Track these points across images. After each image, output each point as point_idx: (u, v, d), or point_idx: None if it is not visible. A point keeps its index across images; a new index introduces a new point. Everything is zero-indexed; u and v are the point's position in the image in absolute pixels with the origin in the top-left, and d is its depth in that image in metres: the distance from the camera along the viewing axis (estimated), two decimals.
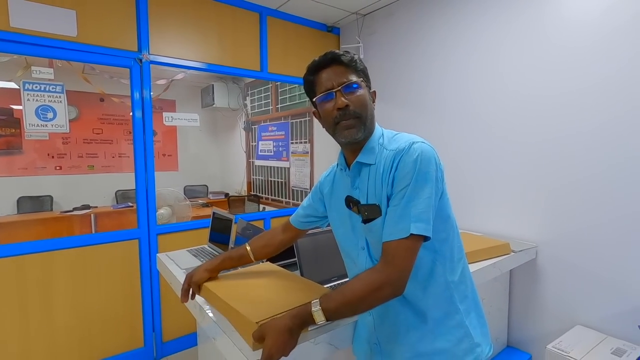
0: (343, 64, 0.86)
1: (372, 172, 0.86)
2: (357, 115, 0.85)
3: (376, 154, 0.88)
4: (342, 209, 0.95)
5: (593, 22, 1.70)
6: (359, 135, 0.86)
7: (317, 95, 0.88)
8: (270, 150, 4.59)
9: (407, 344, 0.88)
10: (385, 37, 2.75)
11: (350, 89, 0.85)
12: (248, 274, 1.22)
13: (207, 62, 2.50)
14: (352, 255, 0.96)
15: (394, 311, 0.88)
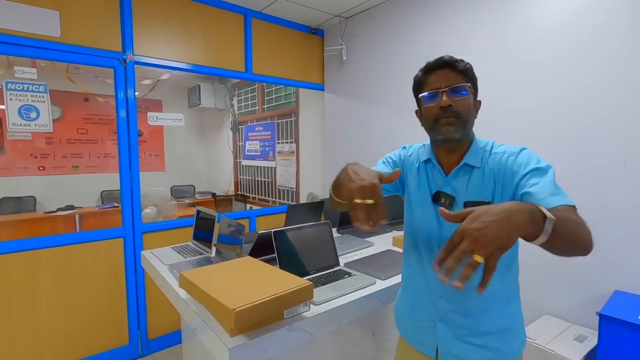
0: (455, 69, 0.93)
1: (476, 174, 0.94)
2: (458, 115, 0.91)
3: (481, 158, 0.95)
4: (426, 202, 1.00)
5: (560, 32, 1.81)
6: (456, 134, 0.91)
7: (424, 92, 0.95)
8: (257, 150, 4.63)
9: (477, 319, 0.94)
10: (367, 40, 2.83)
11: (456, 92, 0.91)
12: (228, 267, 1.28)
13: (192, 62, 2.53)
14: (431, 246, 0.99)
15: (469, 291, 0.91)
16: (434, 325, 1.00)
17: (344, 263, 1.59)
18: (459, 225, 0.65)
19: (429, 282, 1.00)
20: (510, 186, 0.89)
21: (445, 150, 0.98)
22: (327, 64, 3.25)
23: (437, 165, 1.00)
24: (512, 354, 0.96)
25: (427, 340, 1.02)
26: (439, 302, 0.98)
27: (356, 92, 2.97)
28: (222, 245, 1.70)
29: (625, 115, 1.62)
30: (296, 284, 1.09)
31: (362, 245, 1.88)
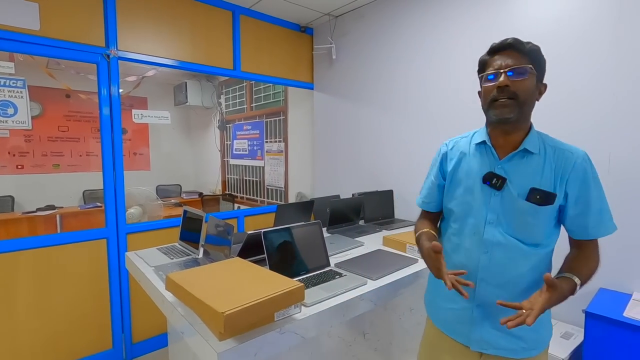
0: (518, 50, 0.92)
1: (535, 161, 0.95)
2: (514, 96, 0.91)
3: (539, 146, 0.96)
4: (475, 184, 1.01)
5: (546, 35, 1.83)
6: (511, 115, 0.92)
7: (485, 73, 0.96)
8: (245, 149, 4.58)
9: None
10: (357, 39, 2.82)
11: (515, 73, 0.91)
12: (217, 269, 1.24)
13: (178, 59, 2.48)
14: (474, 227, 1.01)
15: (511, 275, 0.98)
16: (470, 312, 1.02)
17: (335, 263, 1.57)
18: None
19: (476, 265, 1.00)
20: (567, 187, 0.94)
21: (501, 132, 0.98)
22: (317, 62, 3.23)
23: (491, 147, 1.01)
24: (542, 343, 1.01)
25: (462, 328, 1.04)
26: (481, 284, 1.00)
27: (345, 91, 2.96)
28: (210, 246, 1.66)
29: (609, 117, 1.65)
30: (287, 285, 1.07)
31: (352, 245, 1.86)
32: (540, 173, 0.95)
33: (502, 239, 0.97)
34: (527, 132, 0.98)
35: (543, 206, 0.93)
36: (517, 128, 0.96)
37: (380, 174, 2.74)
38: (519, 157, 0.97)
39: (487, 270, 0.99)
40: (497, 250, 0.97)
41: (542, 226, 0.95)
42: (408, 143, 2.52)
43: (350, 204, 2.36)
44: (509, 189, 0.96)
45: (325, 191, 3.17)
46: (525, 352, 0.99)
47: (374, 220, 2.46)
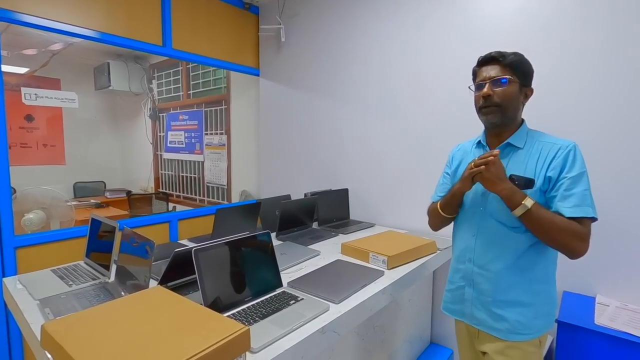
0: (499, 63, 1.07)
1: (520, 155, 1.08)
2: (498, 104, 1.06)
3: (525, 141, 1.09)
4: None
5: (507, 26, 1.71)
6: (496, 119, 1.08)
7: (475, 83, 1.13)
8: (181, 142, 4.07)
9: (497, 287, 1.10)
10: (310, 21, 2.53)
11: (497, 83, 1.06)
12: (125, 308, 0.89)
13: (93, 28, 1.98)
14: (475, 216, 1.14)
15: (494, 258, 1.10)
16: (462, 291, 1.17)
17: (288, 282, 1.29)
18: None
19: (465, 247, 1.15)
20: (547, 172, 1.02)
21: (494, 133, 1.14)
22: (263, 46, 2.88)
23: (485, 145, 1.17)
24: (531, 331, 1.06)
25: (459, 308, 1.19)
26: (468, 265, 1.14)
27: (296, 78, 2.66)
28: (125, 267, 1.27)
29: (573, 110, 1.58)
30: (226, 331, 0.76)
31: (307, 256, 1.60)
32: (525, 164, 1.06)
33: (486, 222, 1.10)
34: (516, 130, 1.11)
35: (526, 191, 1.01)
36: (506, 129, 1.11)
37: (334, 171, 2.50)
38: (506, 151, 1.11)
39: (473, 251, 1.13)
40: (482, 233, 1.11)
41: None
42: (364, 137, 2.31)
43: (303, 206, 2.09)
44: None
45: (274, 190, 2.86)
46: (511, 335, 1.07)
47: (329, 223, 2.21)
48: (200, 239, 1.91)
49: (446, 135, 1.95)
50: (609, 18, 1.49)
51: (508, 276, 1.06)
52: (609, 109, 1.50)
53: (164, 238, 2.40)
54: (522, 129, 1.11)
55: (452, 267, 1.22)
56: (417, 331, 1.94)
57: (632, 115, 1.46)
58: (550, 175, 1.01)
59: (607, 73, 1.50)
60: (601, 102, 1.52)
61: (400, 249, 1.54)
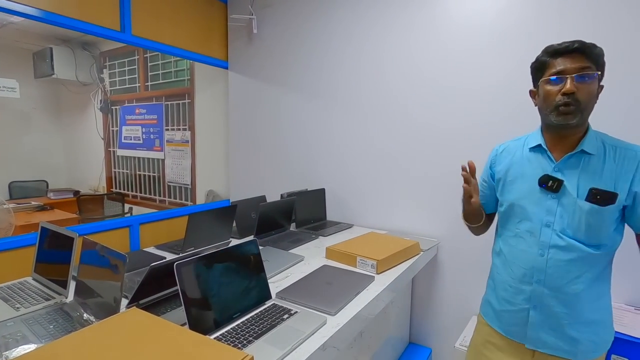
0: (585, 54, 0.90)
1: (594, 162, 0.94)
2: (578, 103, 0.90)
3: (597, 146, 0.95)
4: (532, 187, 1.01)
5: (489, 25, 1.73)
6: (573, 121, 0.91)
7: (547, 75, 0.94)
8: (138, 138, 3.76)
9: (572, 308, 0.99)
10: (283, 12, 2.42)
11: (583, 78, 0.89)
12: (96, 340, 0.75)
13: (32, 5, 1.72)
14: (530, 229, 1.01)
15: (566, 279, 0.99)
16: (527, 313, 1.02)
17: (277, 293, 1.19)
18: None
19: (533, 267, 1.00)
20: (633, 186, 0.91)
21: (558, 135, 0.98)
22: (233, 37, 2.71)
23: (546, 150, 1.00)
24: (603, 347, 1.00)
25: (518, 330, 1.04)
26: (536, 286, 1.00)
27: (269, 73, 2.53)
28: (86, 282, 1.10)
29: None
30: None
31: (291, 262, 1.50)
32: (600, 173, 0.94)
33: (559, 241, 0.97)
34: (584, 133, 0.97)
35: (605, 206, 0.92)
36: (576, 130, 0.96)
37: (309, 170, 2.41)
38: (576, 159, 0.96)
39: (543, 272, 0.99)
40: (555, 253, 0.98)
41: (605, 226, 0.94)
42: (341, 135, 2.25)
43: (281, 207, 1.98)
44: (567, 190, 0.96)
45: (245, 190, 2.71)
46: (583, 355, 0.98)
47: (306, 224, 2.13)
48: (169, 247, 1.74)
49: (422, 134, 1.95)
50: (589, 19, 1.55)
51: (586, 297, 0.96)
52: None
53: (123, 245, 2.17)
54: (591, 132, 0.97)
55: (512, 287, 1.05)
56: (398, 332, 1.93)
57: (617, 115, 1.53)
58: (637, 191, 0.91)
59: None
60: None
61: (387, 252, 1.50)
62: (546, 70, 0.95)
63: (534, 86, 1.02)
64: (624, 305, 1.51)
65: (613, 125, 1.17)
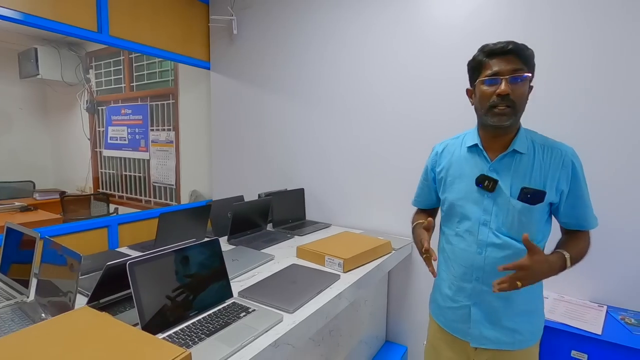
0: (519, 56, 0.92)
1: (524, 161, 0.98)
2: (513, 104, 0.92)
3: (527, 145, 0.99)
4: (470, 186, 1.03)
5: (459, 24, 1.76)
6: (508, 122, 0.94)
7: (483, 76, 0.96)
8: (123, 138, 3.76)
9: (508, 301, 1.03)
10: (263, 14, 2.43)
11: (516, 79, 0.92)
12: (44, 335, 0.76)
13: (10, 7, 1.72)
14: (468, 228, 1.04)
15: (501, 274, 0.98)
16: (468, 310, 1.05)
17: (239, 291, 1.20)
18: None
19: (472, 265, 1.04)
20: (559, 184, 0.96)
21: (492, 135, 1.01)
22: (214, 37, 2.72)
23: (482, 150, 1.03)
24: (537, 334, 1.06)
25: (461, 326, 1.08)
26: (476, 284, 1.03)
27: (249, 73, 2.55)
28: (48, 284, 1.11)
29: None
30: (163, 358, 0.67)
31: (260, 261, 1.52)
32: (530, 172, 0.97)
33: (495, 239, 1.00)
34: (516, 132, 1.00)
35: (535, 205, 0.96)
36: (509, 131, 0.99)
37: (289, 170, 2.43)
38: (509, 158, 1.00)
39: (481, 270, 1.02)
40: (491, 251, 1.01)
41: (535, 223, 0.98)
42: (321, 135, 2.26)
43: (256, 207, 1.99)
44: (501, 189, 0.99)
45: (227, 190, 2.72)
46: (522, 344, 1.03)
47: (284, 224, 2.14)
48: (142, 246, 1.74)
49: (400, 135, 1.97)
50: (559, 20, 1.57)
51: (519, 291, 0.95)
52: (558, 110, 1.59)
53: (102, 245, 2.18)
54: (522, 131, 1.00)
55: (454, 285, 1.08)
56: (373, 331, 1.94)
57: (578, 114, 1.56)
58: (562, 189, 0.96)
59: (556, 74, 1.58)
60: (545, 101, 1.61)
61: (356, 251, 1.52)
62: (482, 70, 0.96)
63: (471, 85, 1.03)
64: (588, 302, 1.54)
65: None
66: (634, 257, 1.47)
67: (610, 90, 1.48)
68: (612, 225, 1.48)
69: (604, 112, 1.49)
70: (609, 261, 1.51)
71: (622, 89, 1.45)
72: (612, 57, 1.46)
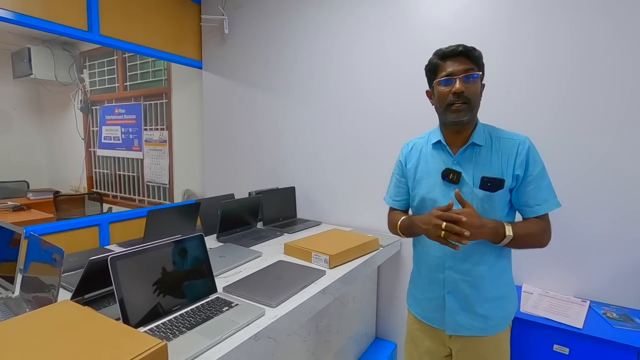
0: (469, 57, 1.01)
1: (483, 152, 1.05)
2: (468, 101, 1.00)
3: (485, 138, 1.06)
4: (436, 180, 1.09)
5: (448, 23, 1.77)
6: (465, 117, 1.01)
7: (439, 77, 1.03)
8: (117, 138, 3.76)
9: (479, 288, 1.08)
10: (254, 13, 2.44)
11: (468, 78, 1.00)
12: (26, 326, 0.77)
13: (0, 7, 1.73)
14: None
15: (471, 261, 1.08)
16: (442, 300, 1.11)
17: (224, 287, 1.22)
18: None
19: (443, 255, 1.09)
20: (515, 170, 1.02)
21: (453, 131, 1.08)
22: (206, 37, 2.74)
23: (446, 145, 1.09)
24: (507, 319, 1.11)
25: (438, 316, 1.13)
26: (448, 273, 1.09)
27: (240, 72, 2.56)
28: (32, 279, 1.12)
29: (503, 112, 1.68)
30: (138, 349, 0.68)
31: (247, 258, 1.53)
32: (489, 162, 1.04)
33: None
34: (474, 127, 1.07)
35: (495, 192, 1.02)
36: (468, 126, 1.06)
37: (280, 168, 2.44)
38: (470, 151, 1.07)
39: (453, 258, 1.08)
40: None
41: (497, 210, 1.04)
42: (312, 134, 2.28)
43: (246, 205, 2.01)
44: (465, 181, 1.05)
45: (219, 188, 2.73)
46: (493, 330, 1.09)
47: (274, 222, 2.16)
48: (130, 244, 1.76)
49: (390, 133, 1.99)
50: (541, 17, 1.59)
51: (490, 276, 1.06)
52: (539, 109, 1.61)
53: (93, 243, 2.19)
54: (480, 126, 1.08)
55: (427, 276, 1.14)
56: (363, 328, 1.96)
57: (560, 113, 1.58)
58: (518, 174, 1.02)
59: (539, 72, 1.61)
60: (528, 100, 1.63)
61: (342, 248, 1.53)
62: (438, 72, 1.04)
63: (429, 87, 1.11)
64: (573, 297, 1.56)
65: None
66: (616, 254, 1.48)
67: (591, 89, 1.50)
68: (596, 222, 1.50)
69: (585, 110, 1.51)
70: (593, 257, 1.53)
71: (602, 88, 1.47)
72: (593, 56, 1.48)
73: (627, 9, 1.42)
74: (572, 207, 1.53)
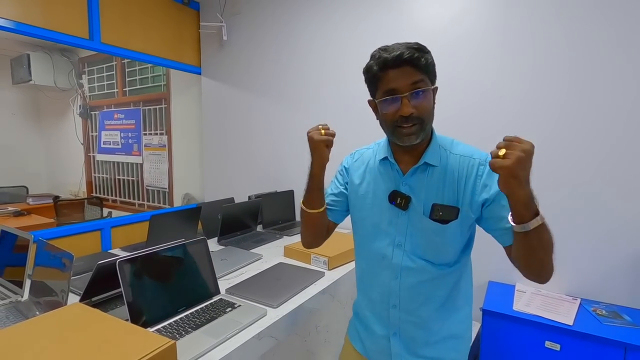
0: (416, 67, 0.79)
1: (436, 173, 0.86)
2: (420, 121, 0.82)
3: (439, 157, 0.87)
4: (382, 203, 0.92)
5: (442, 30, 1.83)
6: (417, 140, 0.83)
7: (381, 92, 0.84)
8: (117, 143, 3.79)
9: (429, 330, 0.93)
10: (251, 19, 2.49)
11: (417, 94, 0.80)
12: (38, 328, 0.81)
13: (1, 16, 1.76)
14: (382, 250, 0.92)
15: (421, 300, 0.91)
16: (387, 341, 0.94)
17: (226, 289, 1.26)
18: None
19: (388, 291, 0.92)
20: (475, 197, 0.84)
21: (402, 150, 0.89)
22: (205, 43, 2.78)
23: (394, 163, 0.91)
24: (463, 358, 0.95)
25: (382, 357, 0.97)
26: (393, 312, 0.92)
27: (239, 77, 2.60)
28: (44, 281, 1.16)
29: (495, 116, 1.73)
30: (149, 347, 0.72)
31: (248, 260, 1.57)
32: (442, 186, 0.86)
33: (410, 262, 0.89)
34: (428, 143, 0.89)
35: (447, 223, 0.85)
36: (420, 144, 0.87)
37: (279, 172, 2.48)
38: (421, 172, 0.89)
39: (397, 296, 0.91)
40: (407, 275, 0.90)
41: (450, 244, 0.87)
42: (303, 140, 2.32)
43: (246, 209, 2.05)
44: (415, 207, 0.88)
45: (219, 193, 2.77)
46: None
47: (274, 225, 2.20)
48: (134, 248, 1.79)
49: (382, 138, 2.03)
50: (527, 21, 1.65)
51: (439, 316, 0.90)
52: (536, 114, 1.67)
53: (95, 247, 2.22)
54: (435, 141, 0.89)
55: (372, 312, 0.97)
56: None
57: (556, 118, 1.63)
58: (486, 198, 0.82)
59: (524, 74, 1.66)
60: (523, 106, 1.68)
61: (340, 249, 1.57)
62: (379, 85, 0.84)
63: (372, 97, 0.91)
64: (564, 295, 1.61)
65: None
66: (607, 252, 1.54)
67: (586, 93, 1.55)
68: (588, 221, 1.56)
69: (581, 115, 1.56)
70: (584, 256, 1.58)
71: (598, 92, 1.53)
72: (588, 60, 1.53)
73: (623, 16, 1.46)
74: (563, 208, 1.58)
